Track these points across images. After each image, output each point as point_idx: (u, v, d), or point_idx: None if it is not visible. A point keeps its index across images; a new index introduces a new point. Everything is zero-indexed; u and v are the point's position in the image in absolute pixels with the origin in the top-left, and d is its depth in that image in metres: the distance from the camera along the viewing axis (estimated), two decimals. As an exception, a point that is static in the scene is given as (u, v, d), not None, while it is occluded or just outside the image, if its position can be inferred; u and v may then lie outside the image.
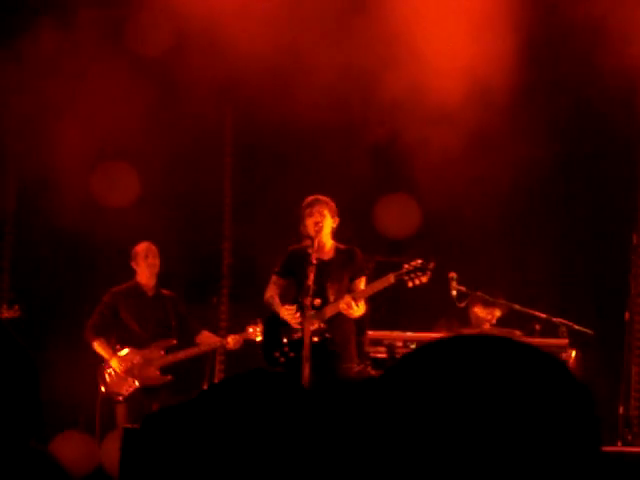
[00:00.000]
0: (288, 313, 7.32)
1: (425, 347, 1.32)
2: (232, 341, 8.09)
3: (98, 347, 8.12)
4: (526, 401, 1.24)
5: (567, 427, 1.24)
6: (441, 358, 1.30)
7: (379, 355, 7.50)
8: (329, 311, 7.24)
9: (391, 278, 7.15)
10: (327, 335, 7.23)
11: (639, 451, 6.79)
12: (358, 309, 7.19)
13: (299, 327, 7.21)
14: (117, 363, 8.07)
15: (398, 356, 7.47)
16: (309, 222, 7.36)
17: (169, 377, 8.06)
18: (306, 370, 6.97)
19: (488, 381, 1.25)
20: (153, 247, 8.31)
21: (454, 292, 7.75)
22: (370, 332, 7.61)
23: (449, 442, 1.23)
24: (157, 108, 8.74)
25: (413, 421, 1.25)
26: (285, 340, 7.36)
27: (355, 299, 7.17)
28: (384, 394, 1.30)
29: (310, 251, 7.26)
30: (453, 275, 7.77)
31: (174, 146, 8.93)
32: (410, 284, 7.17)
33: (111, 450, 7.76)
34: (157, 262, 8.28)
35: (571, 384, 1.28)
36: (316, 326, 7.19)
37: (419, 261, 7.17)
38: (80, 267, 9.12)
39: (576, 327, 7.69)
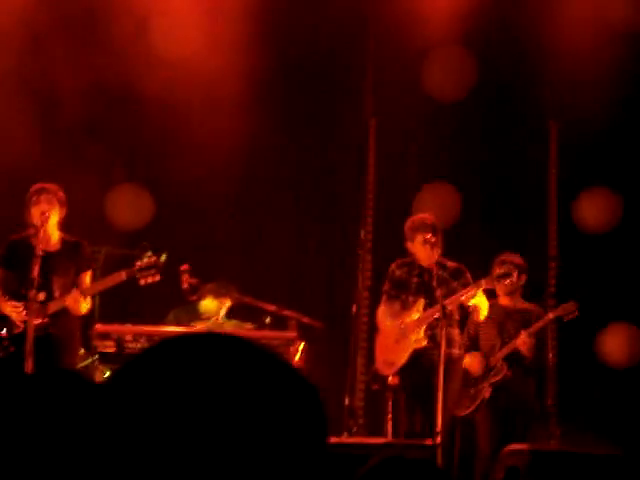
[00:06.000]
0: (14, 310, 7.03)
1: (150, 349, 1.29)
2: None
3: None
4: (252, 404, 1.23)
5: (293, 428, 1.24)
6: (165, 360, 1.27)
7: (108, 349, 7.40)
8: (54, 306, 7.03)
9: (122, 275, 7.02)
10: (51, 330, 7.01)
11: (364, 442, 6.99)
12: (85, 305, 7.04)
13: (22, 325, 6.95)
14: None
15: (127, 350, 7.39)
16: (35, 211, 7.07)
17: None
18: (29, 365, 6.73)
19: (212, 384, 1.23)
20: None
21: (186, 285, 7.78)
22: (98, 325, 7.50)
23: (174, 445, 1.21)
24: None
25: (139, 428, 1.22)
26: (5, 334, 7.08)
27: (83, 295, 7.01)
28: (108, 401, 1.26)
29: (35, 242, 7.02)
30: (186, 268, 7.79)
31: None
32: (142, 282, 7.08)
33: None
34: None
35: (298, 385, 1.28)
36: (40, 320, 6.96)
37: (152, 259, 7.06)
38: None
39: (305, 320, 7.84)
